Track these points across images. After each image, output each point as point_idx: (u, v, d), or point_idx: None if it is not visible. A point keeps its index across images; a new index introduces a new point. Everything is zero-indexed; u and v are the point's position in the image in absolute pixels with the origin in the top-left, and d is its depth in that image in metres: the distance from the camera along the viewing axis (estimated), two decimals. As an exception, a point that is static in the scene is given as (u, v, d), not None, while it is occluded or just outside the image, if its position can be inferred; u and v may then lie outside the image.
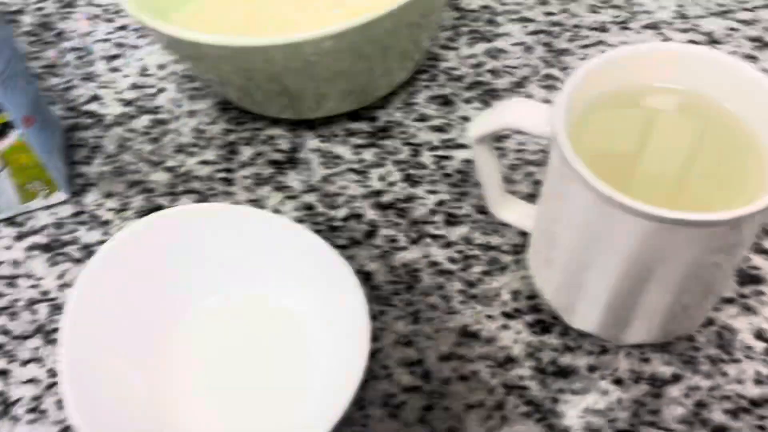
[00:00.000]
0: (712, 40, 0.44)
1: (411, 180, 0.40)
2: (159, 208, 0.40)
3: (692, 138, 0.28)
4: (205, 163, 0.42)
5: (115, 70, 0.48)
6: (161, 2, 0.42)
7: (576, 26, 0.46)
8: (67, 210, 0.40)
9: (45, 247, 0.39)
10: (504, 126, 0.29)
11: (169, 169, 0.42)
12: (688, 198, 0.26)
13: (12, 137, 0.36)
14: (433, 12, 0.39)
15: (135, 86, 0.47)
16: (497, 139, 0.41)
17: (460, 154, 0.41)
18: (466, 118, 0.42)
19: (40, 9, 0.53)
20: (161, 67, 0.48)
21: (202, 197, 0.40)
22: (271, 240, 0.33)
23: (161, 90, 0.46)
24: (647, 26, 0.46)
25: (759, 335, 0.32)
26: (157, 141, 0.43)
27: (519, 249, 0.36)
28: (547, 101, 0.42)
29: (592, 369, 0.32)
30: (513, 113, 0.29)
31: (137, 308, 0.32)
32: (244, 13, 0.42)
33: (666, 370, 0.32)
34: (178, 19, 0.43)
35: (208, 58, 0.36)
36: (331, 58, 0.37)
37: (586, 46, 0.45)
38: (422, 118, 0.43)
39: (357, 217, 0.39)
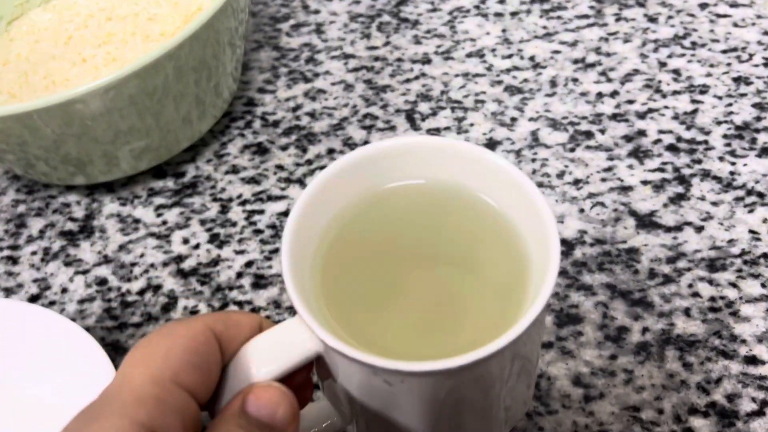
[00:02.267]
0: (535, 64, 0.43)
1: (218, 240, 0.36)
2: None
3: (449, 238, 0.24)
4: (-13, 240, 0.37)
5: None
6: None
7: (399, 60, 0.44)
8: None
9: None
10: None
11: (-56, 252, 0.37)
12: (441, 334, 0.22)
13: None
14: (219, 54, 0.36)
15: None
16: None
17: (272, 207, 0.37)
18: (281, 167, 0.39)
19: None
20: (-52, 134, 0.43)
21: (-18, 281, 0.36)
22: (14, 328, 0.29)
23: (-55, 160, 0.41)
24: (471, 54, 0.44)
25: (577, 381, 0.30)
26: (-67, 220, 0.38)
27: (331, 308, 0.33)
28: (366, 142, 0.40)
29: None
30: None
31: None
32: (17, 74, 0.37)
33: None
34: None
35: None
36: (111, 117, 0.33)
37: (408, 80, 0.43)
38: (234, 170, 0.39)
39: (156, 288, 0.35)
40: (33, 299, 0.35)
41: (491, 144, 0.39)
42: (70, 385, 0.28)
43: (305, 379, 0.22)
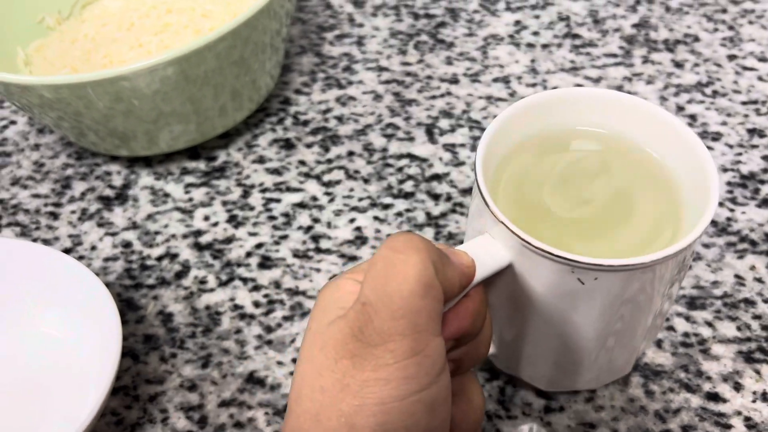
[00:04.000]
0: (557, 96, 0.45)
1: (235, 221, 0.40)
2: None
3: (613, 181, 0.28)
4: (36, 196, 0.42)
5: (-29, 100, 0.48)
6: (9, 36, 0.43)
7: (428, 77, 0.47)
8: None
9: None
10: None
11: (0, 202, 0.41)
12: (606, 242, 0.26)
13: None
14: (258, 53, 0.39)
15: (-14, 117, 0.47)
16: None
17: (289, 198, 0.40)
18: (303, 162, 0.42)
19: None
20: (18, 99, 0.48)
21: (26, 230, 0.40)
22: (24, 267, 0.33)
23: (12, 122, 0.46)
24: (497, 79, 0.46)
25: (540, 392, 0.32)
26: (-7, 172, 0.43)
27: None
28: (384, 149, 0.43)
29: None
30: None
31: None
32: (82, 51, 0.42)
33: None
34: (23, 53, 0.43)
35: (32, 100, 0.36)
36: (155, 98, 0.37)
37: (433, 97, 0.46)
38: (260, 160, 0.43)
39: (172, 256, 0.38)
40: (66, 251, 0.39)
41: (501, 164, 0.41)
42: (81, 325, 0.32)
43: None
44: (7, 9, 0.43)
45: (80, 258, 0.38)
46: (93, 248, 0.39)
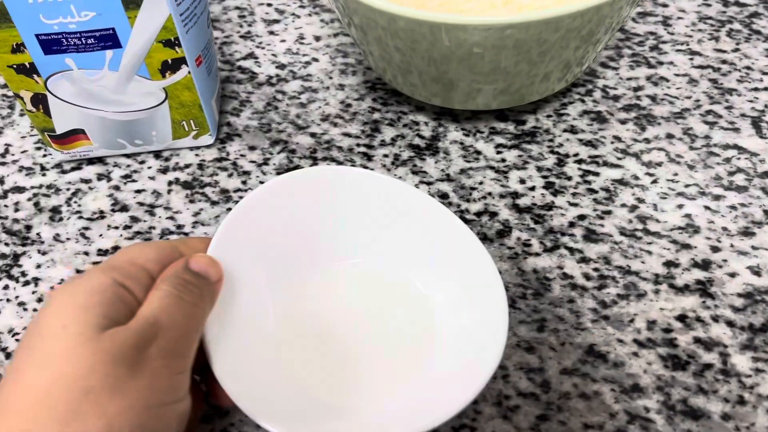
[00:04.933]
0: None
1: (553, 188, 0.39)
2: (298, 168, 0.40)
3: None
4: (347, 135, 0.42)
5: (273, 33, 0.49)
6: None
7: (747, 68, 0.44)
8: (211, 154, 0.41)
9: (186, 185, 0.40)
10: None
11: (313, 135, 0.42)
12: None
13: (181, 73, 0.37)
14: (608, 29, 0.38)
15: (290, 51, 0.48)
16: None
17: (608, 173, 0.39)
18: (618, 138, 0.41)
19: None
20: (317, 38, 0.49)
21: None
22: (415, 217, 0.32)
23: (314, 59, 0.47)
24: (827, 80, 0.43)
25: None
26: (304, 106, 0.44)
27: (661, 280, 0.34)
28: (707, 137, 0.40)
29: (726, 418, 0.30)
30: None
31: (272, 257, 0.32)
32: (414, 4, 0.42)
33: None
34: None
35: (380, 29, 0.36)
36: (495, 52, 0.36)
37: (756, 89, 0.43)
38: (572, 130, 0.41)
39: (492, 214, 0.38)
40: (383, 194, 0.39)
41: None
42: (455, 283, 0.32)
43: None
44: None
45: (398, 202, 0.39)
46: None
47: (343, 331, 0.31)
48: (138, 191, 0.40)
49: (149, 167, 0.41)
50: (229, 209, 0.37)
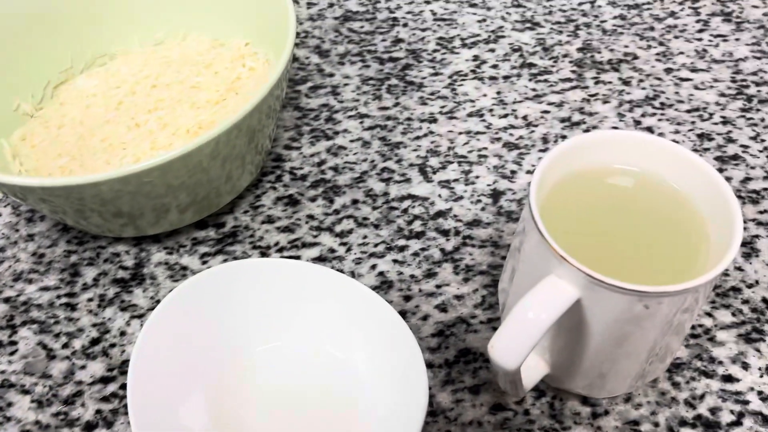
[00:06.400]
0: (528, 123, 0.49)
1: (260, 284, 0.40)
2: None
3: (646, 214, 0.32)
4: (45, 289, 0.41)
5: (-57, 197, 0.46)
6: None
7: (408, 119, 0.50)
8: None
9: None
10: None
11: (6, 300, 0.40)
12: (642, 270, 0.30)
13: None
14: (264, 120, 0.41)
15: (-34, 213, 0.45)
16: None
17: (307, 253, 0.42)
18: (311, 216, 0.44)
19: None
20: (-5, 189, 0.46)
21: (44, 327, 0.39)
22: (329, 293, 0.35)
23: (-4, 214, 0.45)
24: (471, 114, 0.50)
25: (585, 400, 0.35)
26: (-9, 271, 0.41)
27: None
28: (386, 193, 0.45)
29: None
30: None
31: (194, 357, 0.34)
32: (75, 136, 0.41)
33: (509, 446, 0.34)
34: (7, 145, 0.42)
35: (32, 195, 0.36)
36: (165, 177, 0.37)
37: (418, 138, 0.48)
38: (269, 220, 0.44)
39: (207, 329, 0.39)
40: (94, 341, 0.38)
41: (495, 194, 0.45)
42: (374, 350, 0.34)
43: None
44: (-21, 101, 0.42)
45: (111, 347, 0.38)
46: (122, 334, 0.39)
47: (275, 413, 0.33)
48: None
49: None
50: None
